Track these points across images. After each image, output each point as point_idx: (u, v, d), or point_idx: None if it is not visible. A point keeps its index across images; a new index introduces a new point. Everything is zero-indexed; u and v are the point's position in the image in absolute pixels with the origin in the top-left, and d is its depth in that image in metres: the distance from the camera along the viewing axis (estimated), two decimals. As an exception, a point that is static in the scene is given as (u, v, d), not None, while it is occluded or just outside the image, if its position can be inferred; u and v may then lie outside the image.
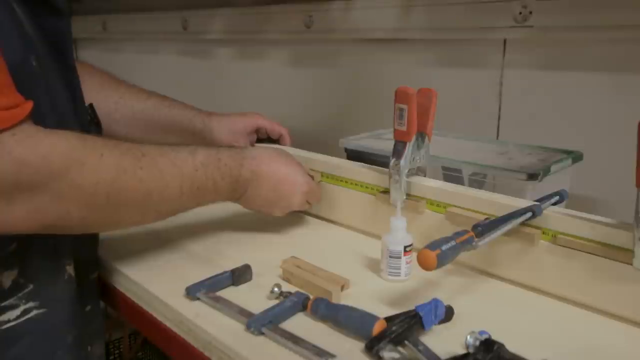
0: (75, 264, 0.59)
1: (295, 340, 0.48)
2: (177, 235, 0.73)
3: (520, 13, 0.81)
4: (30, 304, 0.54)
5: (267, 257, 0.65)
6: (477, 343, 0.46)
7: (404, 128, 0.64)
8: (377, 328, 0.47)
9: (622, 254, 0.51)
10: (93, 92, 0.74)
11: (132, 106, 0.82)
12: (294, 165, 0.69)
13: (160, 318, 0.56)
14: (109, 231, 0.63)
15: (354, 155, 0.85)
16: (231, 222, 0.78)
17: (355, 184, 0.73)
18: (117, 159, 0.51)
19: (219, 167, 0.61)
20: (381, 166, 0.72)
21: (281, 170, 0.67)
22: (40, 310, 0.55)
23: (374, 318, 0.48)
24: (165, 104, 0.84)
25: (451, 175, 0.74)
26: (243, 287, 0.59)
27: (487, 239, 0.53)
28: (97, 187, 0.49)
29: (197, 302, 0.55)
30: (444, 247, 0.48)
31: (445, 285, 0.59)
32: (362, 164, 0.74)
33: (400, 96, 0.64)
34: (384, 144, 0.83)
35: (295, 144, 0.88)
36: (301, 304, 0.52)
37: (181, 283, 0.59)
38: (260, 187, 0.66)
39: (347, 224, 0.76)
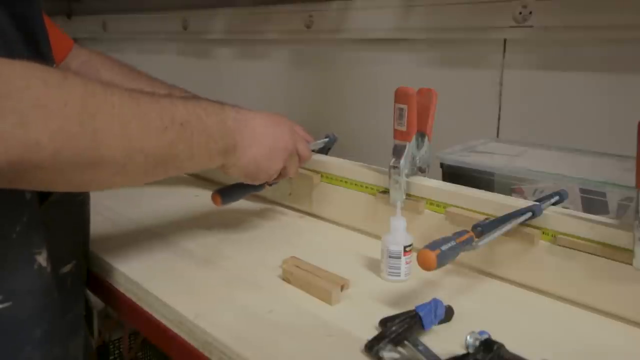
0: (48, 254, 0.54)
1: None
2: (177, 236, 0.73)
3: (520, 13, 0.81)
4: None
5: (267, 257, 0.65)
6: (477, 343, 0.46)
7: (404, 128, 0.64)
8: None
9: (622, 254, 0.51)
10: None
11: None
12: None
13: (160, 318, 0.56)
14: (95, 185, 0.49)
15: (452, 172, 0.73)
16: (231, 222, 0.78)
17: (355, 184, 0.73)
18: (83, 82, 0.44)
19: (198, 104, 0.55)
20: (485, 186, 0.66)
21: (263, 112, 0.63)
22: (5, 305, 0.50)
23: None
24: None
25: (592, 199, 0.61)
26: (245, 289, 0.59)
27: (487, 239, 0.53)
28: (66, 110, 0.41)
29: (197, 301, 0.55)
30: (443, 247, 0.48)
31: (445, 285, 0.59)
32: (361, 163, 0.74)
33: (400, 96, 0.64)
34: (487, 158, 0.73)
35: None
36: None
37: (181, 283, 0.59)
38: (254, 126, 0.60)
39: (347, 224, 0.76)
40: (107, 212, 0.81)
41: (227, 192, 0.71)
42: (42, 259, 0.53)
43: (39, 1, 0.55)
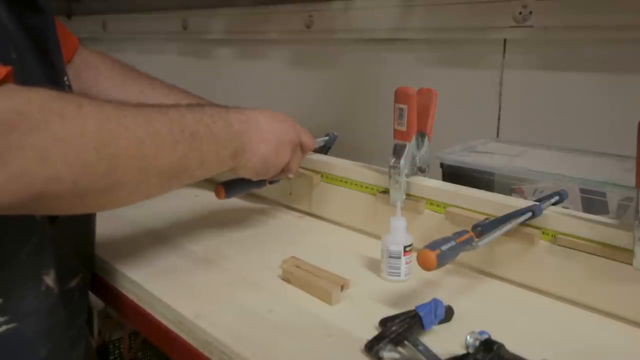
0: (56, 273, 0.54)
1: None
2: (177, 236, 0.73)
3: (520, 13, 0.81)
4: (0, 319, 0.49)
5: (267, 257, 0.65)
6: (477, 343, 0.46)
7: (404, 128, 0.64)
8: None
9: (622, 254, 0.51)
10: (117, 86, 0.73)
11: (155, 101, 0.77)
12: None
13: (160, 318, 0.56)
14: (111, 206, 0.51)
15: (452, 172, 0.73)
16: (231, 222, 0.78)
17: (355, 184, 0.73)
18: (97, 108, 0.45)
19: (204, 111, 0.55)
20: (485, 186, 0.66)
21: (264, 110, 0.64)
22: (10, 325, 0.50)
23: None
24: (188, 100, 0.80)
25: (592, 199, 0.61)
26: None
27: (487, 239, 0.53)
28: (83, 140, 0.42)
29: (197, 301, 0.55)
30: (443, 247, 0.48)
31: (445, 285, 0.59)
32: (361, 163, 0.74)
33: (400, 96, 0.64)
34: (487, 158, 0.74)
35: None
36: None
37: (181, 283, 0.59)
38: (259, 124, 0.61)
39: (347, 224, 0.76)
40: (108, 212, 0.80)
41: (231, 185, 0.71)
42: (49, 280, 0.53)
43: (51, 12, 0.56)
